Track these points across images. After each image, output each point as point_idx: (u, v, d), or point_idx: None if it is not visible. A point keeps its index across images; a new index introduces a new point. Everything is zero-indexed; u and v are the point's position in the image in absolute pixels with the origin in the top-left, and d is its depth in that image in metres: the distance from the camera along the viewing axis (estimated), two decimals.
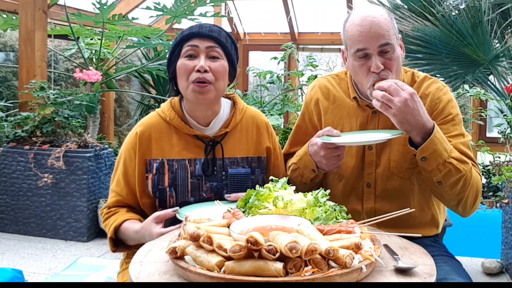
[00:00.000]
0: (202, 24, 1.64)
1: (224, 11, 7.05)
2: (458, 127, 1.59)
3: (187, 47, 1.59)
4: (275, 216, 1.23)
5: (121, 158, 1.66)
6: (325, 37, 7.34)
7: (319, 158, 1.52)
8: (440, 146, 1.44)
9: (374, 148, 1.64)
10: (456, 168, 1.46)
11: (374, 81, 1.52)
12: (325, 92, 1.73)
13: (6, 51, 4.94)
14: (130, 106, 6.22)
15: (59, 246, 3.52)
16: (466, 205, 1.53)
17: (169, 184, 1.62)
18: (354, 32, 1.53)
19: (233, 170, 1.67)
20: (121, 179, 1.64)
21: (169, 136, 1.64)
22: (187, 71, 1.57)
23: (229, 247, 1.01)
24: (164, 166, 1.62)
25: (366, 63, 1.53)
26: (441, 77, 4.21)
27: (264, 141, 1.73)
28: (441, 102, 1.61)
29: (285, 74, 4.39)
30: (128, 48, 4.84)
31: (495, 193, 3.18)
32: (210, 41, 1.59)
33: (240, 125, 1.71)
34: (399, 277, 1.06)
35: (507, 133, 3.38)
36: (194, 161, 1.63)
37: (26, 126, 3.75)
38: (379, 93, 1.43)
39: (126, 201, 1.65)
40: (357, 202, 1.65)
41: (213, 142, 1.65)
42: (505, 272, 2.96)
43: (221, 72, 1.59)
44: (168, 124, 1.64)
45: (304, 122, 1.77)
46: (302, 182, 1.65)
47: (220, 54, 1.60)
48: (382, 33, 1.51)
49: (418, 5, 4.11)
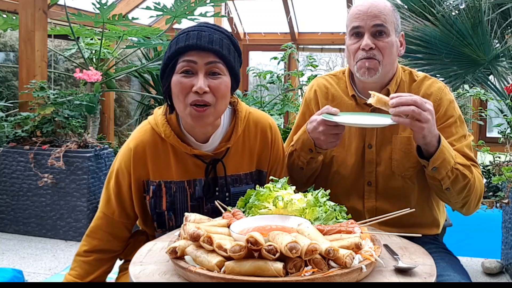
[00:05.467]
0: (200, 33, 1.39)
1: (224, 11, 7.05)
2: (460, 129, 1.60)
3: (183, 62, 1.37)
4: (275, 216, 1.23)
5: (112, 177, 1.52)
6: (325, 37, 7.35)
7: (317, 135, 1.48)
8: (448, 154, 1.44)
9: (373, 146, 1.63)
10: (463, 174, 1.47)
11: (361, 59, 1.55)
12: (324, 91, 1.73)
13: (6, 51, 4.94)
14: (130, 106, 6.22)
15: (59, 246, 3.52)
16: (470, 206, 1.56)
17: (167, 208, 1.49)
18: (353, 11, 1.58)
19: (236, 188, 1.52)
20: (113, 200, 1.51)
21: (166, 156, 1.48)
22: (184, 90, 1.36)
23: (229, 247, 1.01)
24: (161, 189, 1.48)
25: (358, 41, 1.56)
26: (441, 77, 4.21)
27: (267, 151, 1.58)
28: (443, 104, 1.61)
29: (285, 74, 4.38)
30: (128, 48, 4.83)
31: (495, 193, 3.18)
32: (210, 56, 1.36)
33: (242, 136, 1.54)
34: (399, 277, 1.06)
35: (507, 133, 3.38)
36: (193, 183, 1.49)
37: (26, 126, 3.75)
38: (408, 108, 1.35)
39: (116, 224, 1.53)
40: (358, 200, 1.64)
41: (214, 161, 1.49)
42: (505, 272, 2.96)
43: (223, 91, 1.38)
44: (164, 141, 1.48)
45: (304, 121, 1.76)
46: (298, 167, 1.61)
47: (221, 70, 1.38)
48: (378, 15, 1.54)
49: (418, 5, 4.11)
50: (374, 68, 1.56)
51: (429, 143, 1.42)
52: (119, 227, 1.55)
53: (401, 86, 1.66)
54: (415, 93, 1.60)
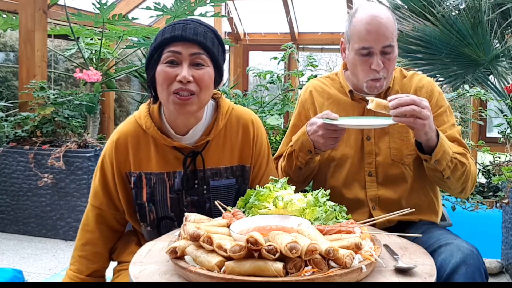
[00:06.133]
0: (186, 25, 1.43)
1: (224, 11, 7.06)
2: (450, 118, 1.71)
3: (168, 52, 1.40)
4: (275, 216, 1.23)
5: (98, 169, 1.56)
6: (325, 37, 7.35)
7: (317, 138, 1.53)
8: (446, 145, 1.52)
9: (372, 137, 1.69)
10: (461, 161, 1.56)
11: (372, 79, 1.63)
12: (319, 90, 1.80)
13: (6, 51, 4.94)
14: (130, 106, 6.22)
15: (59, 246, 3.52)
16: (467, 190, 1.65)
17: (147, 199, 1.52)
18: (361, 30, 1.61)
19: (215, 182, 1.54)
20: (100, 191, 1.55)
21: (146, 147, 1.51)
22: (168, 79, 1.40)
23: (229, 247, 1.01)
24: (142, 180, 1.51)
25: (367, 60, 1.62)
26: (441, 77, 4.21)
27: (249, 147, 1.59)
28: (434, 95, 1.71)
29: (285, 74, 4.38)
30: (128, 48, 4.84)
31: (495, 193, 3.18)
32: (194, 47, 1.41)
33: (224, 130, 1.56)
34: (399, 277, 1.06)
35: (507, 133, 3.38)
36: (173, 175, 1.51)
37: (26, 126, 3.75)
38: (409, 108, 1.41)
39: (106, 214, 1.57)
40: (360, 190, 1.69)
41: (193, 153, 1.51)
42: (505, 272, 2.96)
43: (206, 81, 1.42)
44: (146, 133, 1.51)
45: (300, 121, 1.80)
46: (297, 167, 1.65)
47: (205, 61, 1.42)
48: (387, 35, 1.60)
49: (418, 5, 4.11)
50: (381, 85, 1.66)
51: (430, 138, 1.48)
52: (108, 218, 1.58)
53: (393, 82, 1.74)
54: (407, 87, 1.72)
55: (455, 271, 1.30)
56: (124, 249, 1.61)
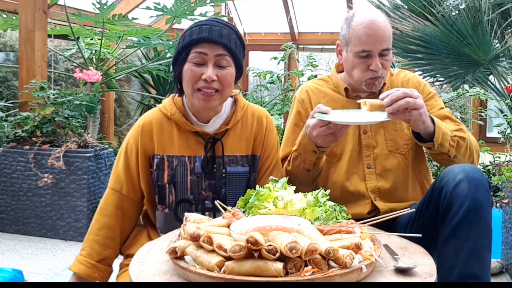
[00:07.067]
0: (212, 27, 1.56)
1: (224, 11, 7.06)
2: (439, 101, 1.82)
3: (195, 53, 1.54)
4: (275, 216, 1.24)
5: (121, 154, 1.66)
6: (325, 37, 7.35)
7: (315, 138, 1.57)
8: (443, 127, 1.59)
9: (369, 131, 1.76)
10: (461, 137, 1.65)
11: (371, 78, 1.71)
12: (315, 90, 1.87)
13: (6, 51, 4.94)
14: (130, 106, 6.22)
15: (59, 246, 3.52)
16: (475, 161, 1.72)
17: (168, 180, 1.62)
18: (361, 34, 1.69)
19: (232, 168, 1.66)
20: (122, 175, 1.64)
21: (169, 132, 1.63)
22: (194, 78, 1.55)
23: (229, 247, 1.01)
24: (164, 162, 1.62)
25: (366, 61, 1.71)
26: (441, 77, 4.21)
27: (261, 137, 1.71)
28: (421, 85, 1.83)
29: (285, 74, 4.39)
30: (128, 48, 4.83)
31: (495, 193, 3.18)
32: (219, 49, 1.54)
33: (241, 122, 1.69)
34: (399, 277, 1.06)
35: (507, 133, 3.38)
36: (194, 158, 1.63)
37: (26, 126, 3.75)
38: (403, 101, 1.44)
39: (124, 200, 1.64)
40: (360, 182, 1.75)
41: (213, 140, 1.64)
42: (505, 272, 2.96)
43: (229, 80, 1.57)
44: (169, 120, 1.64)
45: (301, 120, 1.84)
46: (304, 170, 1.68)
47: (228, 62, 1.56)
48: (385, 39, 1.69)
49: (418, 5, 4.11)
50: (379, 82, 1.75)
51: (427, 126, 1.53)
52: (127, 202, 1.65)
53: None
54: (395, 83, 1.82)
55: (458, 185, 1.35)
56: (134, 241, 1.67)
